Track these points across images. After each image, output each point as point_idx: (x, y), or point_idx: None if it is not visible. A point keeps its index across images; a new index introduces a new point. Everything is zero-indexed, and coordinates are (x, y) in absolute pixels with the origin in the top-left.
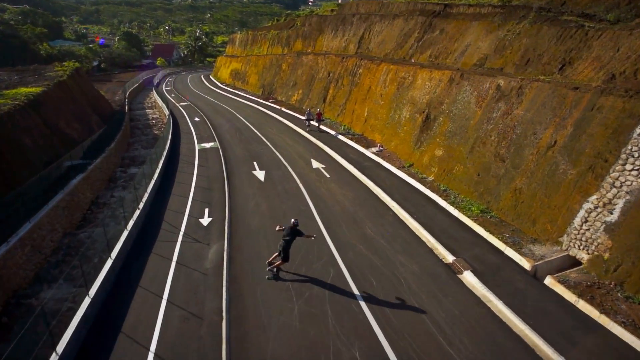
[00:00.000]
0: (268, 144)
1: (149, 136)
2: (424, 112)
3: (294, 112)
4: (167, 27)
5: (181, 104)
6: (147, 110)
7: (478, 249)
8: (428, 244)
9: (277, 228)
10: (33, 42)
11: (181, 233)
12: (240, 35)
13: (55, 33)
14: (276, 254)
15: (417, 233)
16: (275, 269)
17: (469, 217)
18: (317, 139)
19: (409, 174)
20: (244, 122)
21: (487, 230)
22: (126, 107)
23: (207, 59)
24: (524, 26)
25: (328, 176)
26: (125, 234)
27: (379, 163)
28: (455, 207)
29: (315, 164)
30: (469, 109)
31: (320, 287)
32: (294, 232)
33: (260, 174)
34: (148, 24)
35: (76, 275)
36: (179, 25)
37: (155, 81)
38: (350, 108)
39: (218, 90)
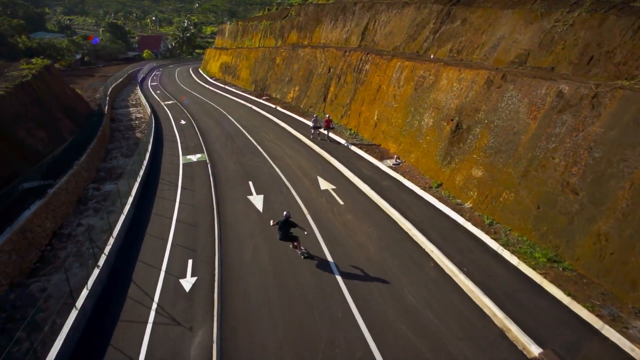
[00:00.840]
0: (264, 154)
1: (130, 141)
2: (452, 119)
3: (292, 112)
4: (154, 18)
5: (166, 102)
6: (130, 109)
7: (566, 328)
8: (496, 321)
9: (272, 223)
10: (10, 34)
11: (154, 306)
12: (229, 26)
13: (37, 25)
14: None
15: (475, 300)
16: (300, 249)
17: (534, 268)
18: (322, 147)
19: (439, 198)
20: (235, 125)
21: (568, 294)
22: (106, 107)
23: (196, 50)
24: (580, 16)
25: (341, 203)
26: (72, 317)
27: (399, 182)
28: (513, 253)
29: (324, 184)
30: (517, 120)
31: None
32: (287, 224)
33: (257, 200)
34: (134, 15)
35: None
36: (167, 16)
37: (140, 76)
38: (356, 109)
39: (207, 86)
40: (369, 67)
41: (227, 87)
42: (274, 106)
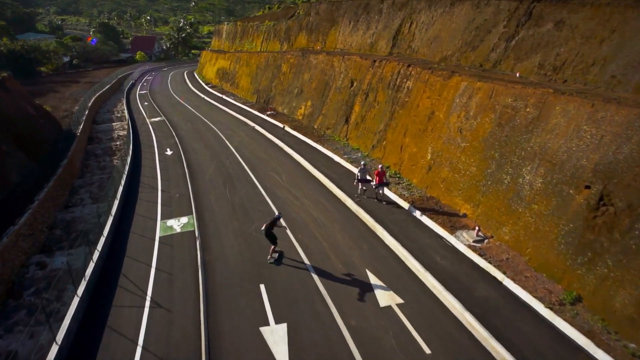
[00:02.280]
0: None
1: (106, 171)
2: (588, 186)
3: (305, 135)
4: (149, 17)
5: (153, 119)
6: (114, 124)
7: None
8: None
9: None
10: None
11: None
12: (227, 27)
13: (26, 25)
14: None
15: None
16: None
17: None
18: (365, 209)
19: (589, 334)
20: (236, 157)
21: None
22: (80, 127)
23: (192, 51)
24: None
25: (427, 350)
26: None
27: (498, 282)
28: None
29: (382, 295)
30: None
31: None
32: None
33: (278, 339)
34: (128, 14)
35: None
36: (163, 15)
37: (129, 82)
38: (394, 140)
39: (202, 95)
40: (411, 85)
41: (225, 97)
42: (281, 125)
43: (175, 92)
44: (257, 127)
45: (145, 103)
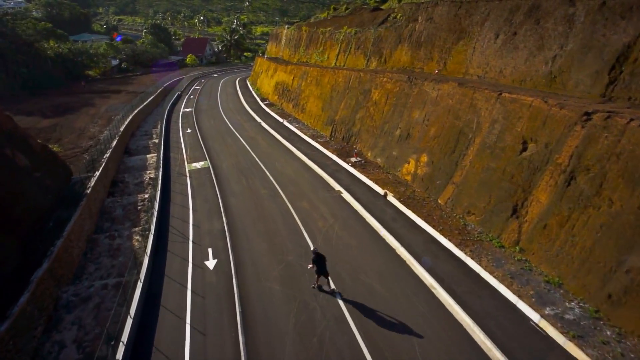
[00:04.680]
0: None
1: (117, 259)
2: None
3: (429, 222)
4: (202, 18)
5: (194, 166)
6: (149, 155)
7: None
8: None
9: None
10: (35, 40)
11: None
12: (288, 32)
13: (82, 25)
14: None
15: None
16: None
17: None
18: None
19: None
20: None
21: None
22: (98, 172)
23: (245, 54)
24: None
25: None
26: None
27: None
28: None
29: None
30: None
31: None
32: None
33: None
34: (182, 14)
35: None
36: (216, 15)
37: (174, 94)
38: None
39: (258, 120)
40: None
41: (287, 123)
42: (381, 191)
43: (226, 111)
44: (345, 193)
45: (188, 130)
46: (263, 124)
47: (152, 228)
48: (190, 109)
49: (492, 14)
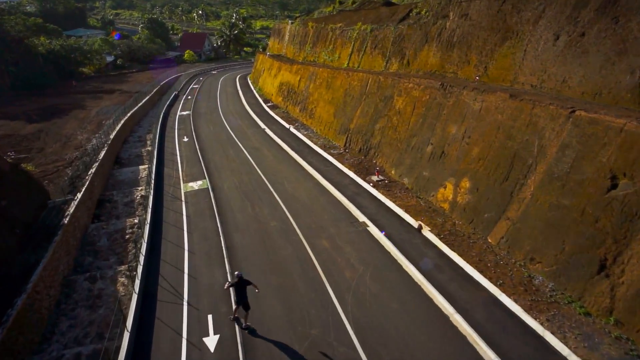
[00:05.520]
0: None
1: (97, 311)
2: None
3: (485, 273)
4: (200, 12)
5: (190, 186)
6: (142, 167)
7: None
8: None
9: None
10: (25, 36)
11: None
12: (292, 27)
13: (78, 20)
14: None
15: None
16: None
17: None
18: None
19: None
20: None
21: None
22: (79, 194)
23: (245, 49)
24: None
25: None
26: None
27: None
28: None
29: None
30: None
31: None
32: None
33: None
34: (180, 8)
35: None
36: (215, 9)
37: (171, 94)
38: None
39: (262, 126)
40: None
41: (294, 130)
42: (414, 223)
43: (226, 115)
44: (372, 226)
45: (185, 139)
46: (267, 130)
47: (137, 287)
48: (187, 112)
49: (549, 10)
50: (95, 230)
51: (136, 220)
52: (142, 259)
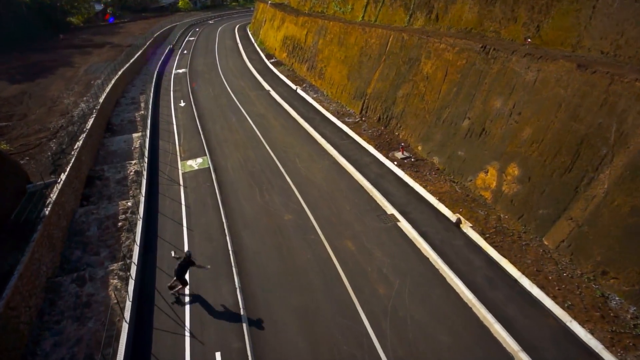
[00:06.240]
0: None
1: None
2: None
3: (548, 290)
4: None
5: (189, 165)
6: (135, 135)
7: None
8: None
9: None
10: None
11: None
12: None
13: None
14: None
15: None
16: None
17: None
18: None
19: None
20: None
21: None
22: (63, 177)
23: None
24: None
25: None
26: None
27: None
28: None
29: None
30: None
31: None
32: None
33: None
34: None
35: None
36: None
37: (166, 48)
38: None
39: (267, 87)
40: None
41: (300, 91)
42: (452, 216)
43: (226, 73)
44: (403, 221)
45: (182, 103)
46: (272, 92)
47: (127, 314)
48: (183, 70)
49: None
50: (84, 216)
51: (129, 204)
52: (134, 273)
